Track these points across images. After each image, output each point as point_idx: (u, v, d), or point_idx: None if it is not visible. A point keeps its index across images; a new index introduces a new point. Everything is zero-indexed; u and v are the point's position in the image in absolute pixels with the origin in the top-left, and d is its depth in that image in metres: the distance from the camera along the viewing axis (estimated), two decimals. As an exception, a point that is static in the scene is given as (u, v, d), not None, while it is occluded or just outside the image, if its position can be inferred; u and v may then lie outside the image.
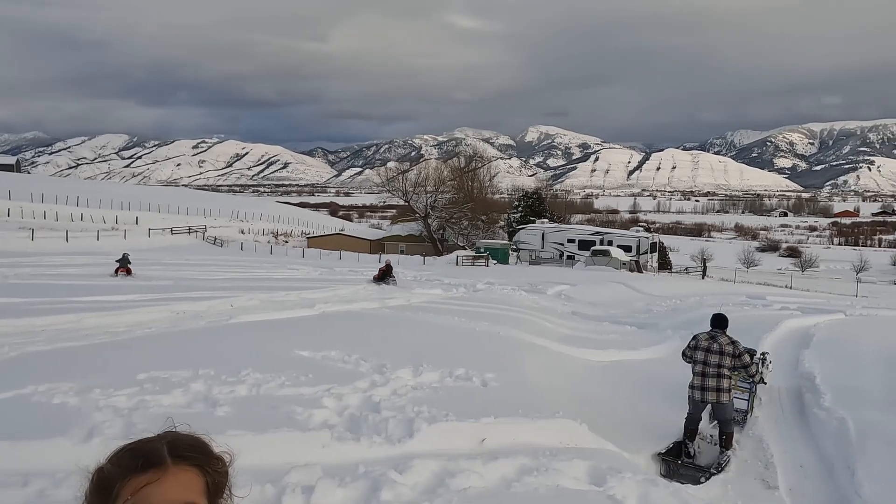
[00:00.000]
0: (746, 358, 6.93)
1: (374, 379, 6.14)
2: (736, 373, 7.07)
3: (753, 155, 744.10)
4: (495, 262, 44.04)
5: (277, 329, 9.29)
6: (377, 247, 59.73)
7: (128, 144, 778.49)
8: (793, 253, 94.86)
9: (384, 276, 20.76)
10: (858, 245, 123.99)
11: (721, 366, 6.75)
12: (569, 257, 46.53)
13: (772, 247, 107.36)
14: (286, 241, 61.69)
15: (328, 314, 12.07)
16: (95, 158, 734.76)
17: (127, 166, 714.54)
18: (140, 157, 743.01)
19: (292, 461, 3.85)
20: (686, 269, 54.44)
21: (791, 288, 37.87)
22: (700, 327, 13.20)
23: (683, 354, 7.34)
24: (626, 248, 44.32)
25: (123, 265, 20.13)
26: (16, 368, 5.62)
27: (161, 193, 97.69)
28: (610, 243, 45.13)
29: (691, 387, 6.96)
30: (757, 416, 7.81)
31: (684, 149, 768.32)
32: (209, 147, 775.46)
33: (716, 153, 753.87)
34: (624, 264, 40.41)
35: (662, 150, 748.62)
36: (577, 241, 47.41)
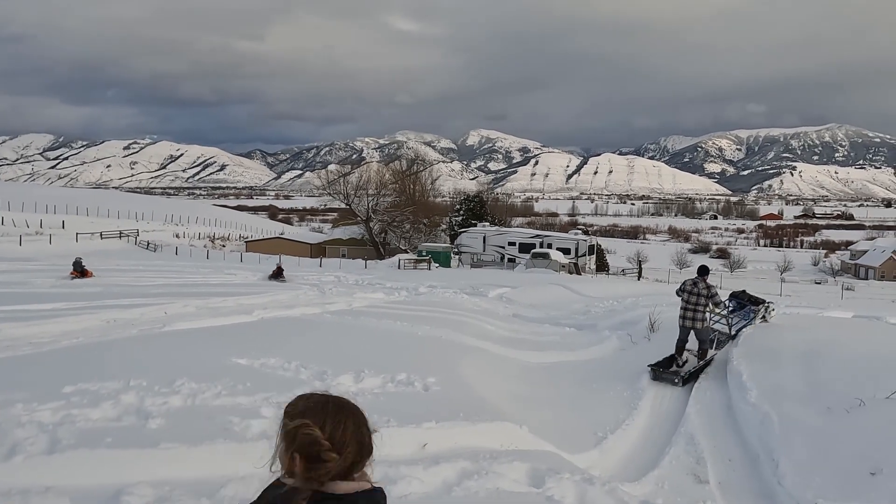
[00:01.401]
0: (718, 298, 9.66)
1: (314, 386, 6.06)
2: (717, 307, 9.83)
3: (685, 160, 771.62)
4: (437, 265, 44.16)
5: (214, 336, 9.05)
6: (318, 251, 58.96)
7: (53, 145, 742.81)
8: (722, 254, 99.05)
9: (277, 274, 25.66)
10: (782, 246, 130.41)
11: (697, 303, 9.45)
12: (510, 260, 47.12)
13: (703, 248, 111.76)
14: (223, 246, 60.19)
15: (267, 320, 11.84)
16: (17, 159, 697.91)
17: (52, 167, 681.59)
18: (67, 159, 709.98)
19: (229, 474, 3.76)
20: (623, 270, 55.92)
21: (721, 288, 39.36)
22: (636, 327, 13.65)
23: (678, 292, 10.05)
24: (565, 251, 45.21)
25: (77, 268, 21.60)
26: (-72, 384, 5.28)
27: (89, 196, 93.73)
28: (549, 246, 45.95)
29: (679, 316, 9.72)
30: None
31: (620, 153, 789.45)
32: (141, 148, 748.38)
33: (650, 158, 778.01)
34: (563, 266, 41.21)
35: (600, 154, 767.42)
36: (517, 244, 48.06)
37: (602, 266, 55.06)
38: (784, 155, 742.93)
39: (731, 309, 11.48)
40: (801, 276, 72.36)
